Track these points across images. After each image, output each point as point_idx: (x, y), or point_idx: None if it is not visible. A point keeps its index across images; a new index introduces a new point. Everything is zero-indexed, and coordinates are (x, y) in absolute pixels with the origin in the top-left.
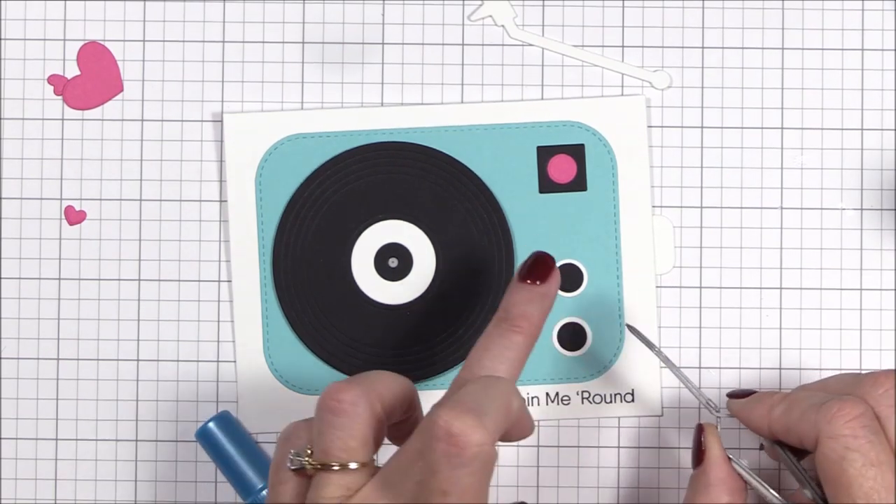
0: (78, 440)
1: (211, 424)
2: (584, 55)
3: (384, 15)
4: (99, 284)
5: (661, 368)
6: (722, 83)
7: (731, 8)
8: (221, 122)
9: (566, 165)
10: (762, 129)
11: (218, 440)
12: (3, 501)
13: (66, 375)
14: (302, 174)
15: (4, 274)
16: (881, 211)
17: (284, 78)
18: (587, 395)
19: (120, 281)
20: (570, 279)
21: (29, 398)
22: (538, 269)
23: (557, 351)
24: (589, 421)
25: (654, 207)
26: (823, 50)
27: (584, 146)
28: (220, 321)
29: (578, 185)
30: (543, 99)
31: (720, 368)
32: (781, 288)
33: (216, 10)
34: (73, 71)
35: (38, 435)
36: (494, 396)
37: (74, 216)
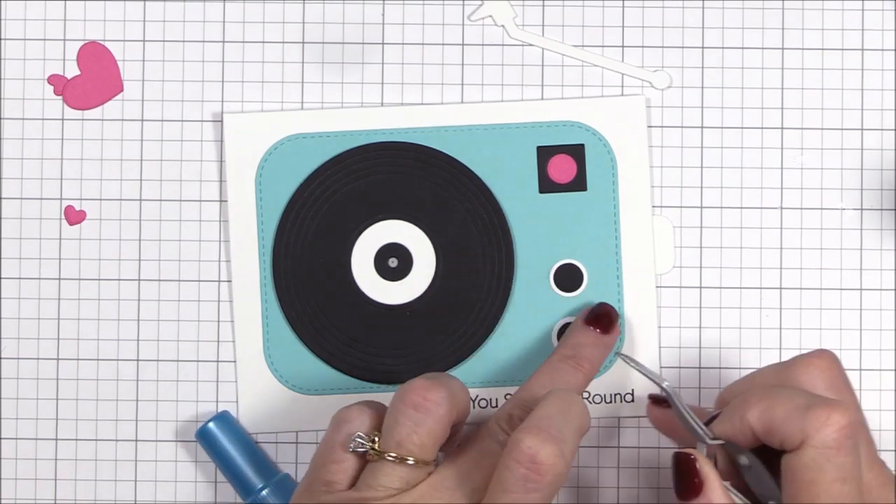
0: (78, 440)
1: (211, 424)
2: (584, 55)
3: (384, 15)
4: (99, 284)
5: (660, 368)
6: (722, 83)
7: (731, 8)
8: (221, 122)
9: (566, 165)
10: (762, 129)
11: (218, 440)
12: (3, 501)
13: (65, 375)
14: (302, 174)
15: (4, 274)
16: (881, 211)
17: (284, 78)
18: (587, 395)
19: (120, 281)
20: (570, 279)
21: (29, 398)
22: (604, 320)
23: None
24: None
25: (654, 207)
26: (823, 50)
27: (584, 146)
28: (220, 321)
29: (578, 185)
30: (543, 99)
31: (720, 368)
32: (781, 288)
33: (216, 10)
34: (73, 71)
35: (38, 435)
36: (572, 420)
37: (74, 216)
